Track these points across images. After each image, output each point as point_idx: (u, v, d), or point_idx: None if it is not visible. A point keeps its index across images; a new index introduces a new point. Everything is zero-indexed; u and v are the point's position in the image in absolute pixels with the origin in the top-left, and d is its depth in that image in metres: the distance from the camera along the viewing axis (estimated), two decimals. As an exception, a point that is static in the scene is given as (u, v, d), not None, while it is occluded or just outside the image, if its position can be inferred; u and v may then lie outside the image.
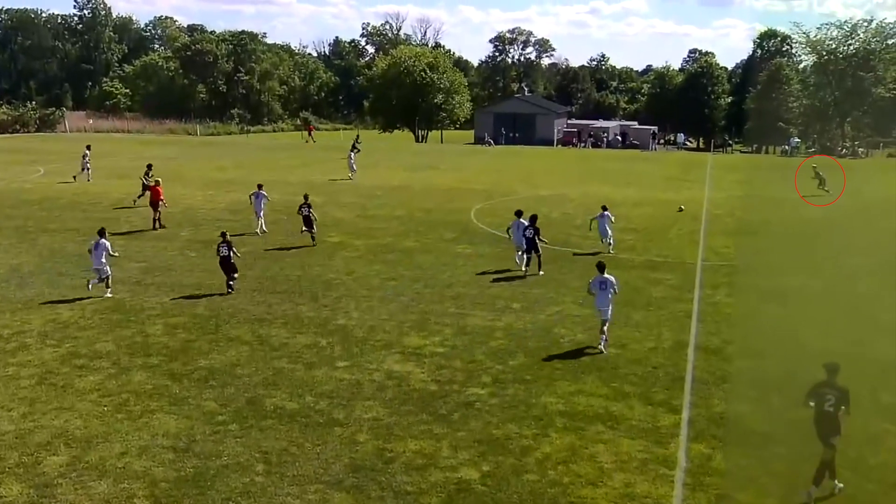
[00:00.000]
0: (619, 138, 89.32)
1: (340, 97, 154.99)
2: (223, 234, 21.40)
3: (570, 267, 23.81)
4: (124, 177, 43.26)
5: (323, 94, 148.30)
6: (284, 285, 21.47)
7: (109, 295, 20.24)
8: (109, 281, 20.48)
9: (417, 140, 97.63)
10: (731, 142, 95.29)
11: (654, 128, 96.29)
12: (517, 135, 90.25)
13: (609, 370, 15.71)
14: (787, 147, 78.92)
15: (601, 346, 16.70)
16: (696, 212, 34.85)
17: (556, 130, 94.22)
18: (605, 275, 17.15)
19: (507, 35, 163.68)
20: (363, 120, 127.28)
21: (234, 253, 21.04)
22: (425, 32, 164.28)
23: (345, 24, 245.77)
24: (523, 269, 22.83)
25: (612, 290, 16.96)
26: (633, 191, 41.60)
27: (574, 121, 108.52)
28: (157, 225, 28.93)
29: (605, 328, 16.90)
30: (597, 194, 39.31)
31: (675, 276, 22.82)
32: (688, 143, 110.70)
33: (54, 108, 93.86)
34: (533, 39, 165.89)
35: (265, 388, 14.71)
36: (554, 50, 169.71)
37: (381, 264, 23.94)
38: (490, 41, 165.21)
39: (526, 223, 22.83)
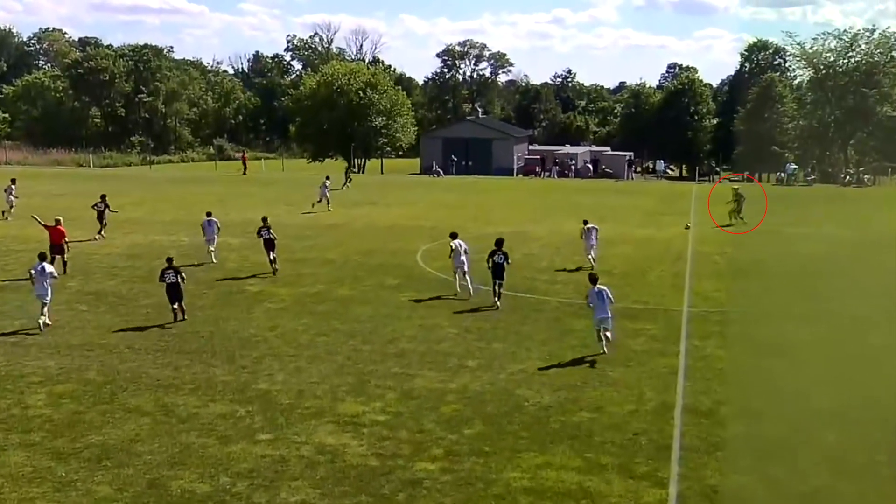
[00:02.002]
0: (590, 166, 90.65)
1: (262, 121, 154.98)
2: (169, 260, 23.73)
3: (535, 317, 23.89)
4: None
5: (241, 118, 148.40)
6: (194, 343, 21.14)
7: (49, 322, 22.54)
8: (47, 308, 22.83)
9: (354, 170, 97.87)
10: (718, 169, 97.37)
11: (630, 154, 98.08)
12: (470, 163, 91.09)
13: (583, 438, 15.69)
14: (782, 174, 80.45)
15: (604, 348, 20.37)
16: (681, 250, 35.32)
17: (515, 158, 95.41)
18: (599, 286, 20.61)
19: (457, 48, 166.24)
20: (288, 147, 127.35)
21: (182, 277, 23.31)
22: (361, 46, 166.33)
23: (266, 36, 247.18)
24: (457, 289, 26.33)
25: (609, 300, 20.44)
26: (607, 227, 41.94)
27: (537, 146, 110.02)
28: (66, 269, 29.13)
29: (609, 332, 20.53)
30: (565, 231, 39.66)
31: (657, 326, 23.02)
32: (669, 171, 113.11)
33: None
34: (487, 53, 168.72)
35: (170, 469, 14.36)
36: (512, 65, 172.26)
37: (310, 317, 23.75)
38: (437, 55, 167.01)
39: (464, 245, 26.41)
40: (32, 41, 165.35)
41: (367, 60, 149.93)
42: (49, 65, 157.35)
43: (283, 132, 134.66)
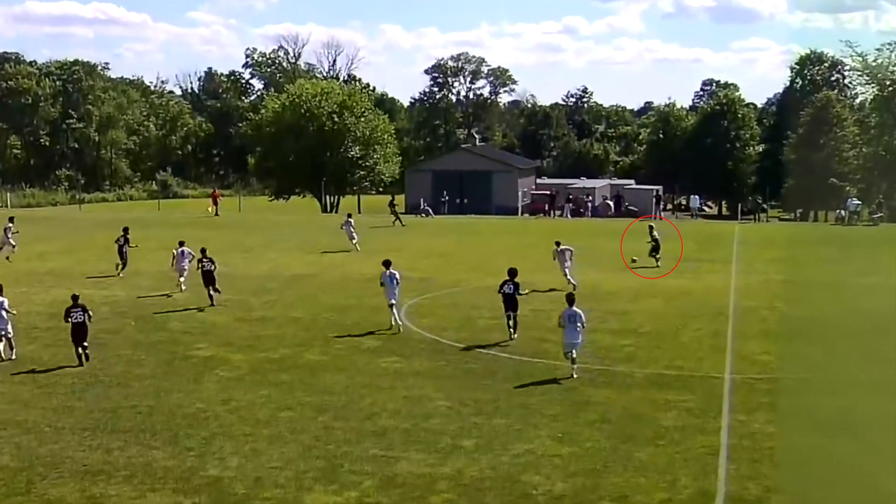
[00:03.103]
0: (611, 203, 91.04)
1: (214, 151, 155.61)
2: (74, 298, 26.28)
3: (545, 386, 23.79)
4: None
5: (190, 148, 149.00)
6: (130, 421, 21.00)
7: (14, 357, 25.82)
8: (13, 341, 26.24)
9: (325, 209, 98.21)
10: (765, 206, 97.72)
11: (659, 188, 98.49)
12: (466, 200, 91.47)
13: (604, 535, 15.53)
14: (843, 211, 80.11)
15: (574, 373, 24.23)
16: (721, 304, 35.31)
17: (520, 194, 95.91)
18: (574, 308, 24.40)
19: (450, 63, 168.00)
20: (247, 183, 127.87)
21: (89, 317, 26.04)
22: (334, 61, 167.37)
23: (221, 50, 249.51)
24: (392, 321, 30.21)
25: (580, 324, 24.28)
26: (631, 277, 42.05)
27: (546, 180, 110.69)
28: None
29: (575, 354, 24.36)
30: (581, 282, 39.59)
31: (693, 397, 22.92)
32: (705, 208, 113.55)
33: None
34: (485, 69, 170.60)
35: (97, 577, 14.16)
36: (515, 83, 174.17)
37: (270, 388, 23.63)
38: (425, 72, 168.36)
39: (396, 274, 30.45)
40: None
41: (341, 78, 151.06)
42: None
43: (241, 164, 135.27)
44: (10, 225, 48.48)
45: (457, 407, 22.09)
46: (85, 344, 25.87)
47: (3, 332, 26.31)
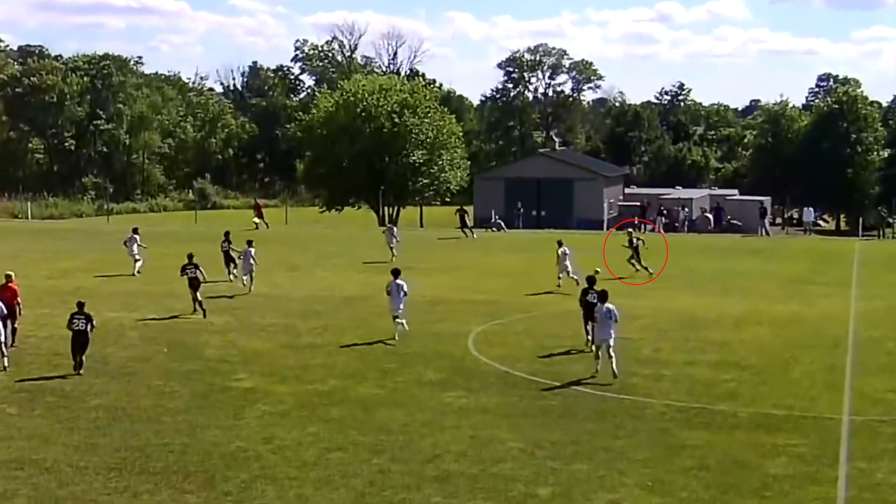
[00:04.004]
0: (710, 216, 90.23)
1: (259, 156, 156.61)
2: (80, 305, 28.42)
3: (632, 426, 23.65)
4: None
5: (231, 152, 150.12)
6: (161, 461, 21.17)
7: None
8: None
9: (383, 222, 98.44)
10: (890, 220, 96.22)
11: (766, 199, 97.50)
12: (543, 213, 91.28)
13: None
14: None
15: (597, 368, 27.83)
16: (839, 334, 34.86)
17: (606, 205, 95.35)
18: (608, 304, 27.72)
19: (526, 56, 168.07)
20: (294, 192, 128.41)
21: (92, 326, 28.08)
22: (395, 54, 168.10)
23: (267, 42, 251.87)
24: (396, 333, 32.87)
25: (614, 320, 27.66)
26: (733, 302, 41.71)
27: (636, 189, 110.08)
28: (13, 340, 30.85)
29: (611, 351, 27.57)
30: (675, 308, 39.39)
31: (805, 442, 22.65)
32: (821, 222, 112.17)
33: None
34: (567, 63, 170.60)
35: None
36: (601, 79, 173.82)
37: (319, 425, 23.71)
38: (498, 66, 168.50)
39: (404, 284, 32.85)
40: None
41: (402, 73, 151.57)
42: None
43: (288, 171, 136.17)
44: (136, 236, 50.28)
45: (531, 449, 22.00)
46: (83, 357, 28.20)
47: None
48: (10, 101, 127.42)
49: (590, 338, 30.63)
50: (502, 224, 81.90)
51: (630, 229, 54.27)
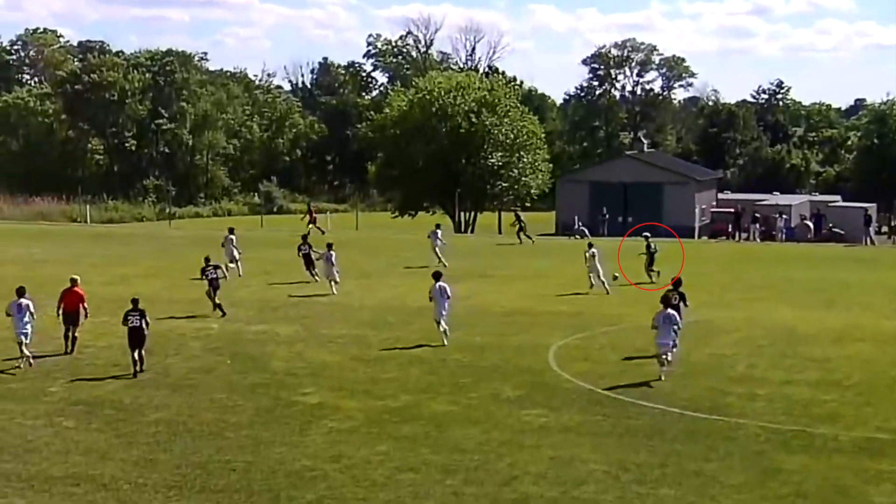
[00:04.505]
0: (810, 224, 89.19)
1: (329, 157, 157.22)
2: (134, 302, 30.05)
3: (725, 449, 23.42)
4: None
5: (299, 153, 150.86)
6: (223, 479, 21.33)
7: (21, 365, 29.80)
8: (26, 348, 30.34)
9: (459, 228, 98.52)
10: None
11: (871, 206, 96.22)
12: (630, 219, 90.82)
13: None
14: None
15: (662, 374, 28.91)
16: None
17: (698, 211, 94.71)
18: (669, 310, 29.21)
19: (613, 52, 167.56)
20: (366, 195, 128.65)
21: (146, 322, 29.54)
22: (473, 49, 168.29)
23: (338, 36, 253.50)
24: (445, 340, 34.09)
25: (676, 326, 28.98)
26: (835, 316, 41.13)
27: (730, 194, 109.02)
28: (73, 347, 32.42)
29: (670, 357, 29.07)
30: (772, 322, 38.93)
31: (914, 467, 22.28)
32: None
33: None
34: (657, 59, 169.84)
35: None
36: (693, 76, 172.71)
37: (389, 443, 23.73)
38: (583, 62, 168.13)
39: (447, 288, 34.30)
40: (15, 47, 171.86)
41: (481, 70, 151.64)
42: (36, 79, 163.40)
43: (359, 173, 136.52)
44: (233, 237, 51.99)
45: (615, 472, 21.87)
46: (141, 350, 29.71)
47: (22, 336, 30.42)
48: (69, 99, 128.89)
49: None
50: (586, 231, 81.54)
51: (647, 234, 54.81)
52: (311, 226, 77.85)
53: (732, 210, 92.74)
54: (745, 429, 24.86)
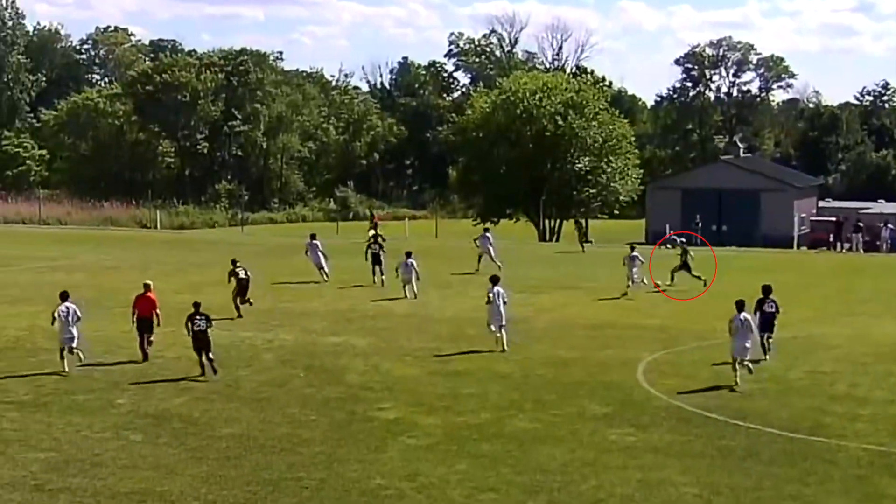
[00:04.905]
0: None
1: (408, 161, 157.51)
2: (196, 305, 31.13)
3: (825, 472, 23.14)
4: (23, 301, 44.66)
5: (377, 156, 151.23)
6: (294, 496, 21.44)
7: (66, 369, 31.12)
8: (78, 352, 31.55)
9: (543, 237, 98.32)
10: None
11: None
12: (724, 227, 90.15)
13: None
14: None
15: (737, 380, 29.90)
16: None
17: (797, 220, 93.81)
18: (744, 314, 30.21)
19: (707, 51, 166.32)
20: (446, 201, 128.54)
21: (211, 324, 30.79)
22: (560, 49, 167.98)
23: (419, 35, 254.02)
24: (506, 345, 35.20)
25: (750, 331, 30.15)
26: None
27: (832, 202, 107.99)
28: (146, 355, 33.29)
29: (750, 364, 30.28)
30: (876, 338, 38.43)
31: None
32: None
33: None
34: (755, 59, 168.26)
35: None
36: (793, 77, 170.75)
37: (468, 461, 23.69)
38: (676, 62, 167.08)
39: (503, 292, 35.27)
40: (86, 45, 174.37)
41: (568, 70, 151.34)
42: (107, 79, 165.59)
43: (439, 178, 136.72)
44: (317, 242, 53.41)
45: (707, 495, 21.70)
46: (209, 354, 30.79)
47: (72, 345, 31.51)
48: (140, 100, 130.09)
49: (765, 343, 33.20)
50: (677, 240, 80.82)
51: (683, 239, 56.73)
52: (371, 231, 78.33)
53: (834, 219, 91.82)
54: (846, 451, 24.55)
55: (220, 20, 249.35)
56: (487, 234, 58.79)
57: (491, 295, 35.09)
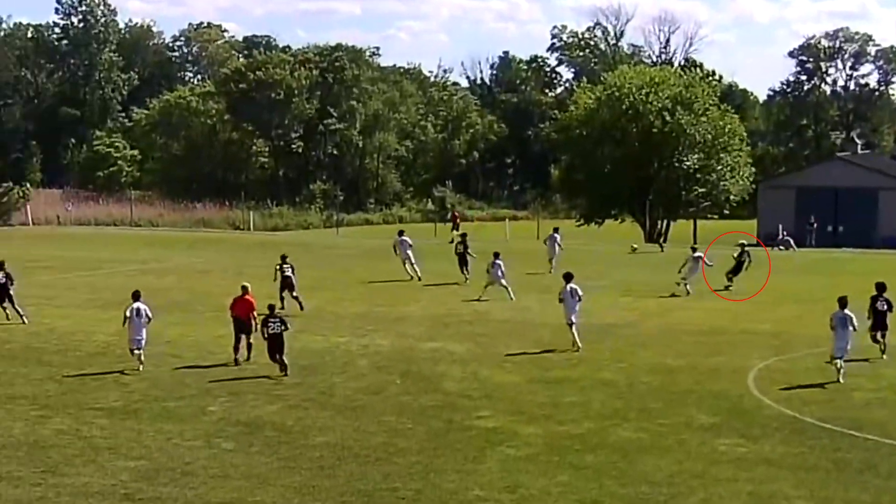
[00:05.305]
0: None
1: (509, 159, 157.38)
2: (271, 308, 32.82)
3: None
4: (113, 305, 45.26)
5: (477, 155, 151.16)
6: (390, 509, 21.50)
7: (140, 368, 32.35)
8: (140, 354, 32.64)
9: (650, 238, 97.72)
10: None
11: None
12: (841, 228, 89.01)
13: None
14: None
15: (840, 378, 31.01)
16: None
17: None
18: (846, 310, 31.32)
19: (823, 43, 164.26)
20: (548, 202, 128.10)
21: (286, 327, 32.07)
22: (667, 41, 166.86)
23: (520, 28, 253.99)
24: (579, 342, 36.20)
25: (852, 327, 31.24)
26: None
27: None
28: (249, 354, 33.97)
29: (844, 360, 31.16)
30: None
31: None
32: None
33: (12, 185, 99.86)
34: (873, 50, 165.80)
35: None
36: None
37: (570, 472, 23.62)
38: (790, 54, 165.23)
39: (578, 289, 36.92)
40: (178, 43, 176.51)
41: (676, 63, 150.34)
42: (199, 77, 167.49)
43: (541, 177, 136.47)
44: (405, 238, 55.62)
45: (822, 510, 21.43)
46: (283, 356, 31.98)
47: (138, 343, 32.76)
48: (233, 99, 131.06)
49: (882, 344, 34.23)
50: (791, 242, 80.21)
51: (743, 241, 57.25)
52: (454, 231, 78.46)
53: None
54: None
55: (315, 15, 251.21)
56: (555, 235, 60.54)
57: (563, 294, 36.61)
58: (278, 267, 44.78)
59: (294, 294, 43.60)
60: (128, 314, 32.68)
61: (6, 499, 21.51)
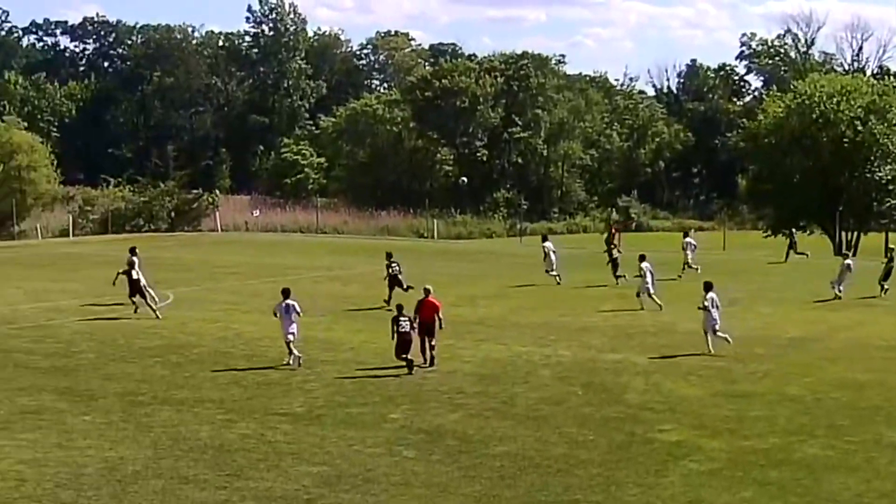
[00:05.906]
0: None
1: (695, 169, 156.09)
2: (399, 308, 34.30)
3: None
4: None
5: (662, 164, 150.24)
6: (569, 525, 21.50)
7: (291, 363, 34.38)
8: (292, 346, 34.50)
9: (839, 251, 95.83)
10: None
11: None
12: None
13: None
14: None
15: None
16: None
17: None
18: None
19: None
20: (735, 212, 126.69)
21: (413, 327, 33.43)
22: (860, 49, 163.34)
23: (708, 36, 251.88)
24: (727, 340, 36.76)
25: None
26: None
27: None
28: (430, 360, 34.79)
29: None
30: None
31: None
32: None
33: (202, 192, 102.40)
34: None
35: None
36: None
37: (754, 488, 23.35)
38: None
39: (716, 298, 37.17)
40: (365, 50, 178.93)
41: (868, 71, 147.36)
42: (385, 84, 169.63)
43: (728, 187, 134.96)
44: (549, 244, 58.51)
45: None
46: (410, 356, 33.45)
47: (290, 336, 34.48)
48: (418, 107, 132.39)
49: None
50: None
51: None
52: (614, 247, 77.88)
53: None
54: None
55: (502, 23, 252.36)
56: (689, 239, 62.69)
57: (706, 302, 37.27)
58: (387, 265, 48.41)
59: (405, 288, 46.72)
60: (275, 311, 35.09)
61: (192, 501, 22.06)
